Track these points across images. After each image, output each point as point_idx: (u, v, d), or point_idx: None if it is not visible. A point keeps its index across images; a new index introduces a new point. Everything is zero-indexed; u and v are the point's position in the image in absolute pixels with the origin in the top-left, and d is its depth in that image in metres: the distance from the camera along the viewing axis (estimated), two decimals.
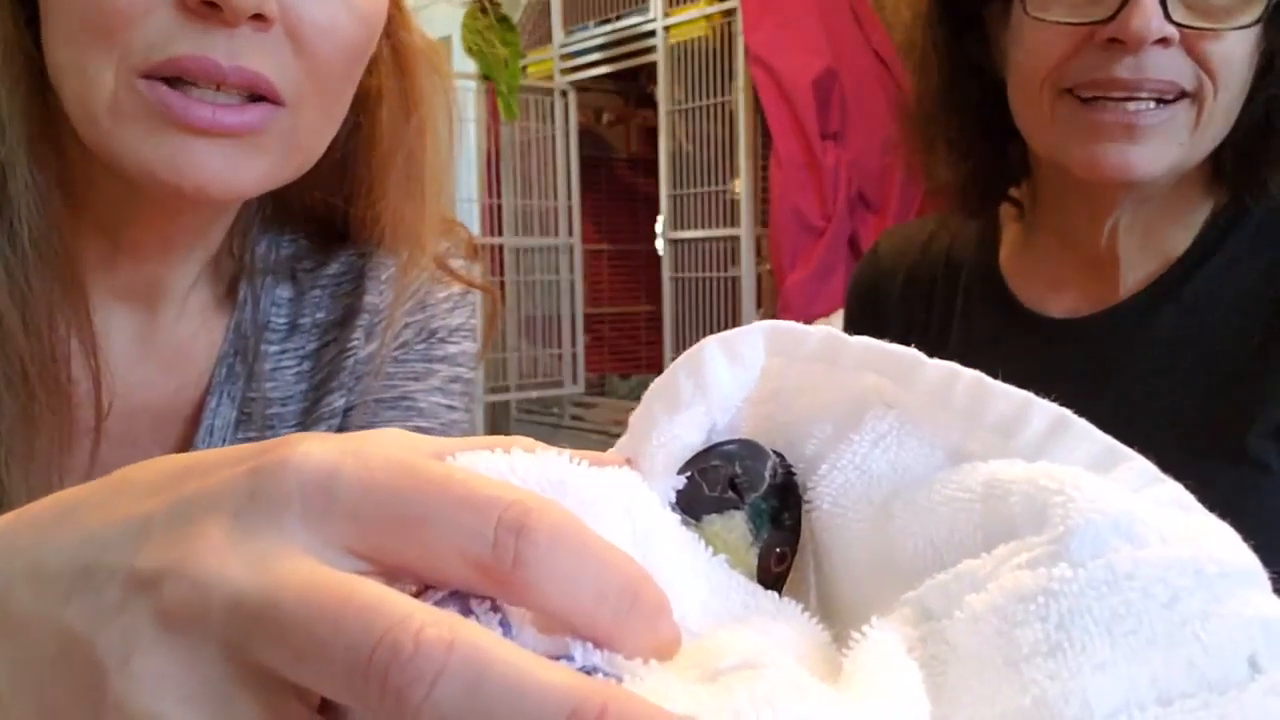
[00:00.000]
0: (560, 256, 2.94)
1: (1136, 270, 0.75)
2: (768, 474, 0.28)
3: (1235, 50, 0.65)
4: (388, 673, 0.18)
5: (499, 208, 2.92)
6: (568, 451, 0.25)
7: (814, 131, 2.19)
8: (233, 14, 0.45)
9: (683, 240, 2.52)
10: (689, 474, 0.28)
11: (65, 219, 0.51)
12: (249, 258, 0.61)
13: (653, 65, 2.58)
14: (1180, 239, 0.74)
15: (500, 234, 2.90)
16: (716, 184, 2.44)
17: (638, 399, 0.29)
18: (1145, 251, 0.74)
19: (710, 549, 0.26)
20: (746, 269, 2.36)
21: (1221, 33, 0.64)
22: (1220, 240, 0.73)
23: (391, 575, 0.21)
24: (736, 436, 0.29)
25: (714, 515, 0.27)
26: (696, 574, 0.25)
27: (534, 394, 2.93)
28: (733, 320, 2.40)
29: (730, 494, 0.27)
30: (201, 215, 0.55)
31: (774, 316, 2.35)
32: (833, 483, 0.27)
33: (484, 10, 2.64)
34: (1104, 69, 0.64)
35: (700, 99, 2.44)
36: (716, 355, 0.28)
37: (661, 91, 2.52)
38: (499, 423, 3.15)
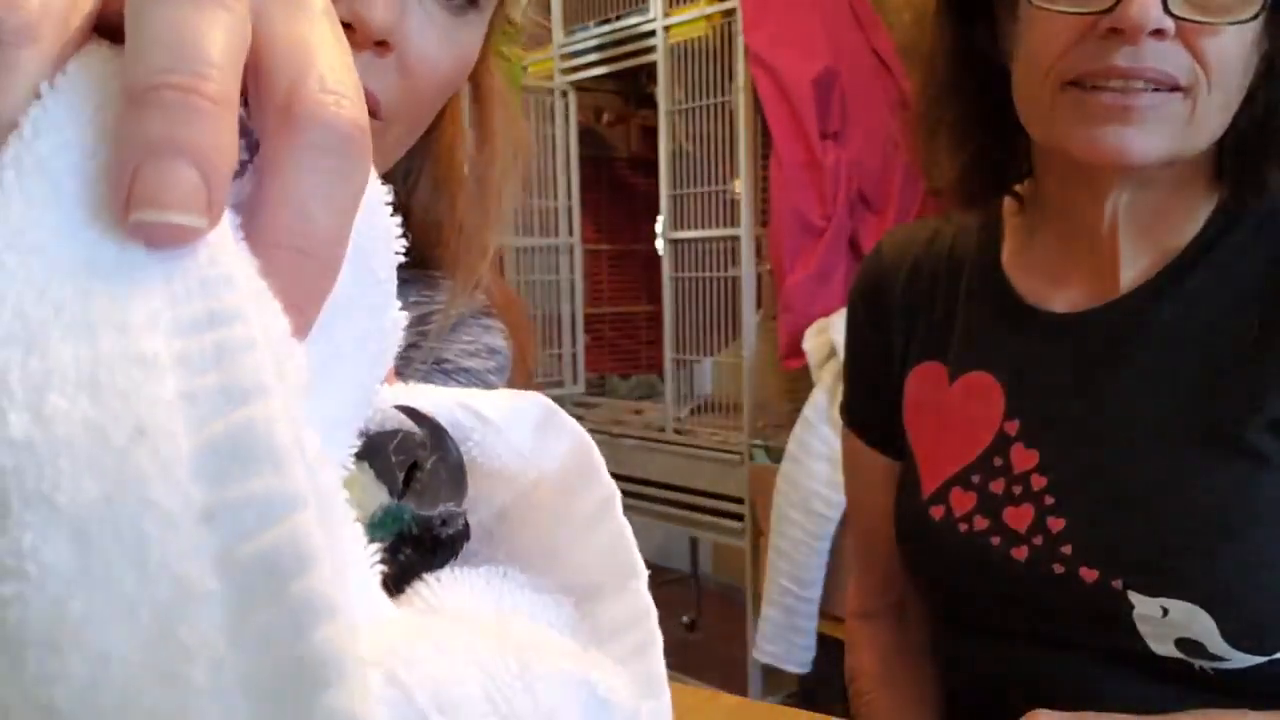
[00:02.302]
0: (560, 256, 2.94)
1: (1137, 265, 0.75)
2: (440, 509, 0.24)
3: (1230, 47, 0.66)
4: None
5: None
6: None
7: (814, 131, 2.19)
8: (363, 38, 0.52)
9: (683, 240, 2.52)
10: (399, 425, 0.24)
11: None
12: None
13: (653, 65, 2.58)
14: (1181, 234, 0.74)
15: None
16: (716, 184, 2.44)
17: (638, 399, 0.28)
18: (1146, 247, 0.75)
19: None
20: (746, 269, 2.36)
21: (1218, 28, 0.65)
22: (1220, 236, 0.73)
23: None
24: (460, 491, 0.25)
25: (368, 468, 0.23)
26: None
27: None
28: (733, 320, 2.40)
29: (398, 477, 0.24)
30: None
31: (774, 317, 2.34)
32: (455, 593, 0.24)
33: None
34: (1103, 58, 0.65)
35: (700, 99, 2.44)
36: (530, 414, 0.26)
37: (661, 91, 2.52)
38: None
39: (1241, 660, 0.67)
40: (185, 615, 0.15)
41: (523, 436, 0.26)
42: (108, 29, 0.19)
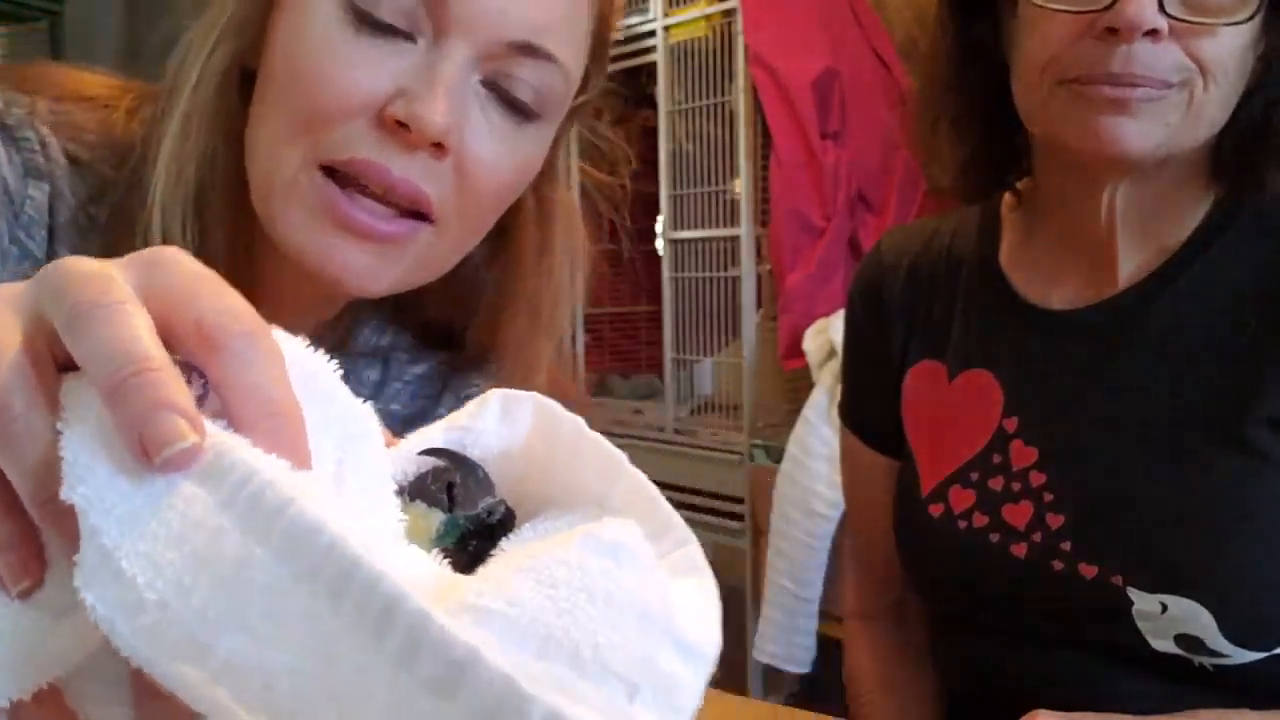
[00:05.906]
0: None
1: (1135, 262, 0.75)
2: (481, 505, 0.31)
3: (1226, 47, 0.66)
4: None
5: None
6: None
7: (814, 131, 2.19)
8: (419, 137, 0.52)
9: (683, 240, 2.52)
10: (420, 468, 0.31)
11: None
12: (349, 336, 0.67)
13: (653, 65, 2.58)
14: (1179, 231, 0.74)
15: None
16: (716, 184, 2.44)
17: (638, 399, 0.31)
18: (1143, 243, 0.75)
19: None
20: (746, 269, 2.36)
21: (1214, 29, 0.65)
22: (1217, 233, 0.73)
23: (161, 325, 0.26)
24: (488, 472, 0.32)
25: (420, 503, 0.31)
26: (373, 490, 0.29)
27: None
28: (733, 320, 2.40)
29: (443, 499, 0.31)
30: (322, 296, 0.61)
31: (774, 317, 2.34)
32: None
33: None
34: (1097, 60, 0.66)
35: (700, 99, 2.44)
36: (494, 407, 0.33)
37: (661, 91, 2.52)
38: None
39: (1241, 656, 0.67)
40: None
41: (495, 424, 0.33)
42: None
